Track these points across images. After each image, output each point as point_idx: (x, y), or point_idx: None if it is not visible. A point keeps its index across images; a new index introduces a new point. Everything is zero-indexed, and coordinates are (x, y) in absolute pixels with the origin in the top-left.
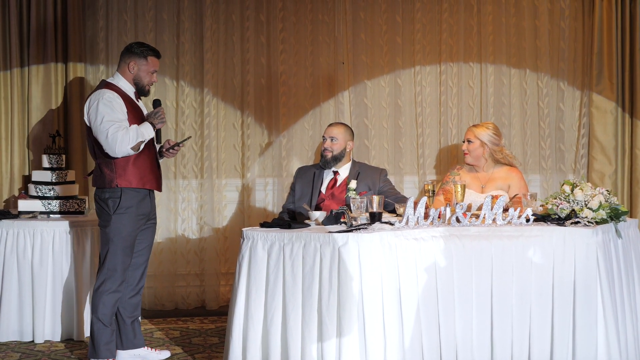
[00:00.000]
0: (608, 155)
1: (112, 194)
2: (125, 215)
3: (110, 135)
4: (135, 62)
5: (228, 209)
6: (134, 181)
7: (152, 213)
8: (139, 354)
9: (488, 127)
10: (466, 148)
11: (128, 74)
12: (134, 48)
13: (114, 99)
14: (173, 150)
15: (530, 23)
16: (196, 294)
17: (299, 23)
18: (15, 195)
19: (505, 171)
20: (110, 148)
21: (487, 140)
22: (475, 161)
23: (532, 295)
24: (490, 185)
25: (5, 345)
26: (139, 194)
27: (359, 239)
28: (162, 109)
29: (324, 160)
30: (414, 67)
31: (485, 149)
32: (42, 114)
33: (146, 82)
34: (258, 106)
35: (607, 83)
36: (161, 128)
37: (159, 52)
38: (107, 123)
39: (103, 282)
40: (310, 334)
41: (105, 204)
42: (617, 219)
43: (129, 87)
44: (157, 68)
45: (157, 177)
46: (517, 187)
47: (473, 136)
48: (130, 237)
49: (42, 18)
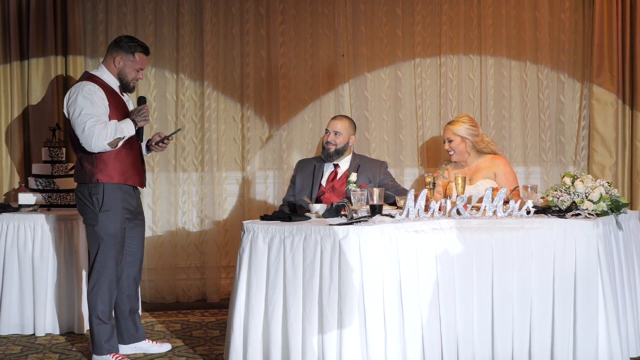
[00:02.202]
0: (608, 147)
1: (95, 189)
2: (111, 213)
3: (87, 129)
4: (122, 57)
5: (228, 201)
6: (115, 176)
7: (139, 209)
8: (141, 347)
9: (463, 121)
10: (449, 147)
11: (113, 68)
12: (122, 42)
13: (95, 92)
14: (162, 143)
15: (530, 15)
16: (197, 287)
17: (298, 15)
18: (15, 189)
19: (489, 160)
20: (86, 142)
21: (466, 134)
22: (461, 157)
23: (533, 287)
24: (477, 175)
25: (6, 338)
26: (121, 190)
27: (359, 232)
28: (146, 106)
29: (326, 153)
30: (414, 60)
31: (467, 142)
32: (42, 107)
33: (130, 79)
34: (258, 99)
35: (608, 75)
36: (143, 126)
37: (148, 48)
38: (84, 116)
39: (97, 281)
40: (311, 326)
41: (89, 201)
42: (617, 210)
43: (113, 80)
44: (144, 66)
45: (140, 173)
46: (502, 173)
47: (452, 134)
48: (120, 233)
49: (41, 11)
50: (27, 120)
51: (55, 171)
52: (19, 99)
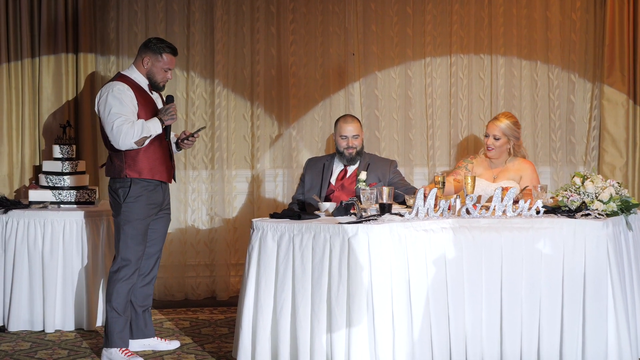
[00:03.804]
0: (619, 147)
1: (122, 184)
2: (135, 204)
3: (115, 127)
4: (150, 58)
5: (238, 199)
6: (143, 172)
7: (165, 203)
8: (149, 343)
9: (511, 121)
10: (492, 144)
11: (142, 68)
12: (150, 43)
13: (124, 92)
14: (188, 140)
15: (541, 14)
16: (206, 285)
17: (309, 14)
18: (26, 186)
19: (518, 163)
20: (114, 140)
21: (512, 135)
22: (498, 155)
23: (542, 287)
24: (503, 175)
25: (16, 334)
26: (149, 185)
27: (368, 230)
28: (173, 105)
29: (348, 158)
30: (425, 59)
31: (510, 143)
32: (52, 105)
33: (159, 79)
34: (268, 97)
35: (619, 75)
36: (171, 125)
37: (176, 49)
38: (113, 115)
39: (117, 270)
40: (320, 324)
41: (116, 194)
42: (627, 211)
43: (143, 79)
44: (172, 66)
45: (169, 168)
46: (529, 178)
47: (500, 133)
48: (141, 224)
49: (53, 9)
50: (38, 117)
51: (66, 168)
52: (30, 96)
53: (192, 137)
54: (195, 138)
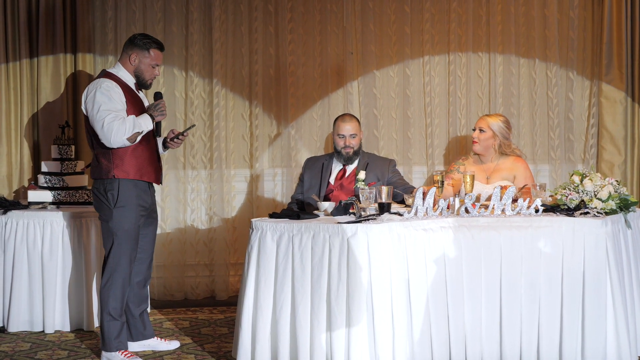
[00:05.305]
0: (617, 145)
1: (110, 185)
2: (127, 208)
3: (106, 124)
4: (137, 54)
5: (237, 199)
6: (131, 172)
7: (153, 207)
8: (149, 344)
9: (501, 119)
10: (477, 137)
11: (129, 65)
12: (136, 39)
13: (112, 88)
14: (177, 139)
15: (539, 12)
16: (205, 284)
17: (307, 13)
18: (24, 186)
19: (510, 161)
20: (105, 138)
21: (499, 132)
22: (483, 151)
23: (541, 286)
24: (496, 175)
25: (15, 335)
26: (137, 186)
27: (367, 230)
28: (163, 101)
29: (346, 157)
30: (423, 57)
31: (496, 140)
32: (51, 105)
33: (147, 77)
34: (267, 97)
35: (617, 73)
36: (161, 121)
37: (162, 45)
38: (103, 112)
39: (110, 277)
40: (319, 324)
41: (104, 197)
42: (626, 209)
43: (130, 77)
44: (159, 62)
45: (156, 169)
46: (522, 177)
47: (486, 126)
48: (134, 229)
49: (50, 9)
50: (37, 117)
51: (65, 169)
52: (29, 96)
53: (181, 135)
54: (184, 137)
